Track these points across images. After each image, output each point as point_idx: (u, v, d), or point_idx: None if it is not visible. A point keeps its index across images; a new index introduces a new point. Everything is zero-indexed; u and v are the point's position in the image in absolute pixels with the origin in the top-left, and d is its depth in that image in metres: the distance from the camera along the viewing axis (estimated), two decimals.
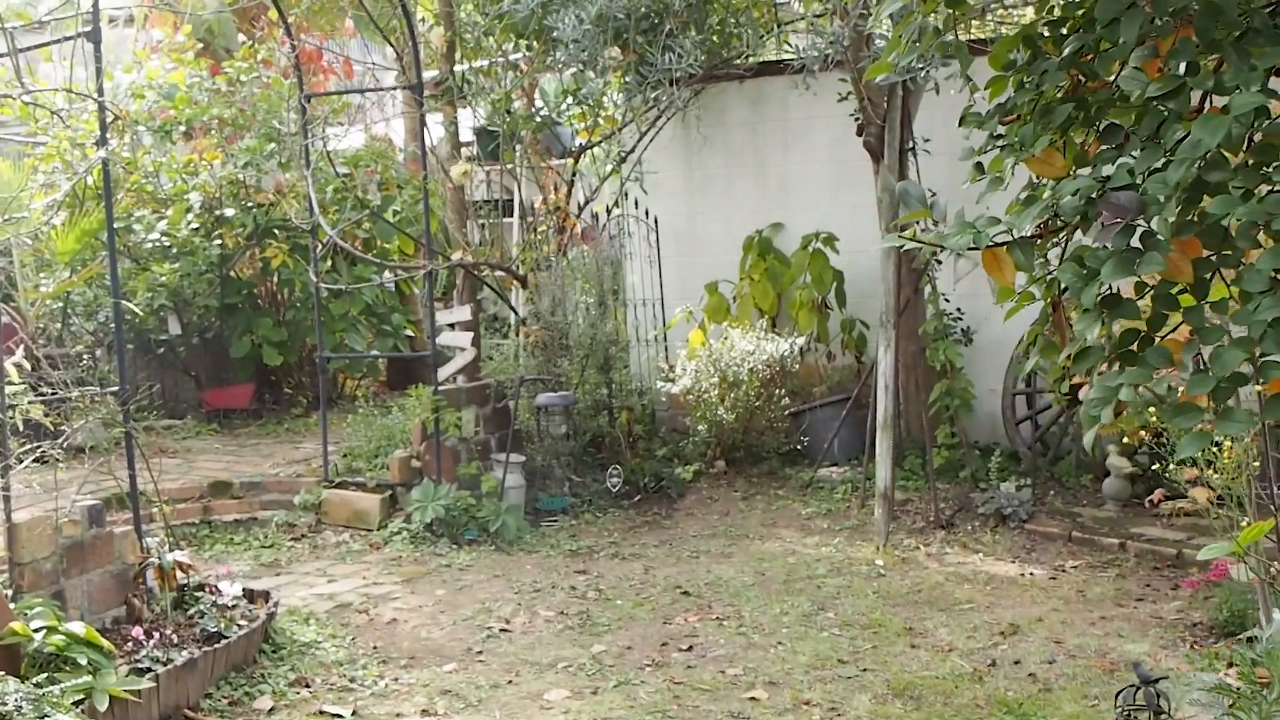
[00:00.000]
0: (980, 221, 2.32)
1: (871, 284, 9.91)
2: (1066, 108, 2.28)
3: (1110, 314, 2.16)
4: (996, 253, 2.32)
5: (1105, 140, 2.28)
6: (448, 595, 6.94)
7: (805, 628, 6.11)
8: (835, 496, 8.68)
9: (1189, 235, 2.05)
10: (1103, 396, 2.20)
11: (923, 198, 2.50)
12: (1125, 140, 2.24)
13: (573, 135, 11.32)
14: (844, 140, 10.09)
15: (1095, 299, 2.14)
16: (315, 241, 8.99)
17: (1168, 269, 2.06)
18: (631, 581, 7.08)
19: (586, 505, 8.82)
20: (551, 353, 9.23)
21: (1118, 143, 2.25)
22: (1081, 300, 2.16)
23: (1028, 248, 2.30)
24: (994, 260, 2.33)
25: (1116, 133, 2.26)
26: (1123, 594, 6.50)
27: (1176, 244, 2.04)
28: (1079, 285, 2.20)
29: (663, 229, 10.63)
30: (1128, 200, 2.06)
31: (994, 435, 9.47)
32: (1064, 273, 2.23)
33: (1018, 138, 2.33)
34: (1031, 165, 2.30)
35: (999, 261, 2.32)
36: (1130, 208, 2.04)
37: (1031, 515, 7.83)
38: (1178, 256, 2.05)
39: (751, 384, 9.24)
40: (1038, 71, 2.31)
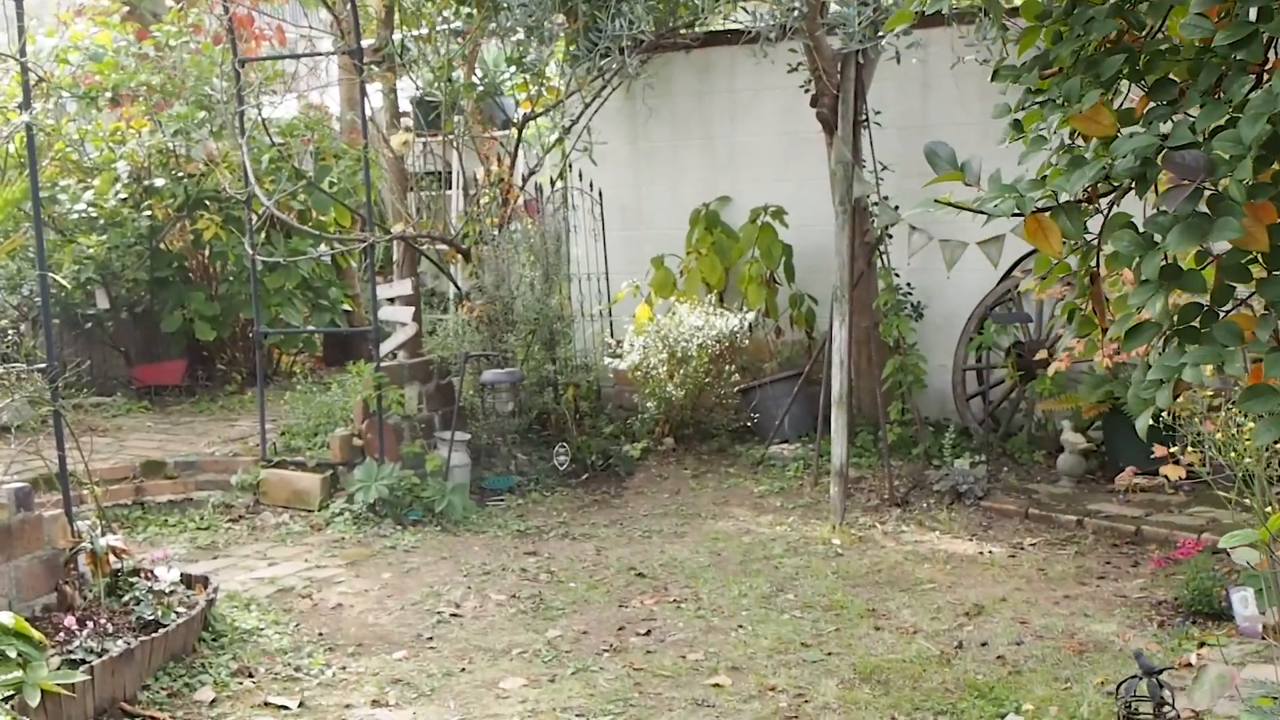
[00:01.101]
0: (1022, 185, 2.14)
1: (820, 258, 9.78)
2: (1118, 59, 2.11)
3: (1170, 286, 1.99)
4: (1040, 219, 2.14)
5: (1156, 95, 2.11)
6: (394, 578, 6.71)
7: (765, 610, 5.96)
8: (787, 474, 8.54)
9: (1263, 199, 1.89)
10: (1163, 377, 2.03)
11: (952, 158, 2.31)
12: (1181, 95, 2.07)
13: (515, 105, 11.06)
14: (793, 112, 9.93)
15: (1156, 270, 1.97)
16: (250, 213, 8.67)
17: (1244, 236, 1.89)
18: (584, 563, 6.89)
19: (533, 484, 8.61)
20: (497, 328, 8.98)
21: (1170, 98, 2.08)
22: (1143, 271, 1.99)
23: (1074, 214, 2.13)
24: (1037, 228, 2.15)
25: (1169, 87, 2.10)
26: (1084, 572, 6.42)
27: (1249, 208, 1.88)
28: (1137, 254, 2.03)
29: (607, 201, 10.41)
30: (1194, 160, 1.89)
31: (944, 411, 9.38)
32: (1119, 240, 2.06)
33: (1061, 92, 2.16)
34: (1076, 123, 2.13)
35: (1043, 229, 2.14)
36: (1198, 168, 1.87)
37: (987, 492, 7.74)
38: (1251, 223, 1.89)
39: (701, 360, 9.07)
40: (1081, 20, 2.13)
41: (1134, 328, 2.10)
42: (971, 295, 9.28)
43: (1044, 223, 2.14)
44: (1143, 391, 2.10)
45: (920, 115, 9.57)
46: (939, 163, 2.29)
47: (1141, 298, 2.01)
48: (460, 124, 9.91)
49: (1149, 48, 2.12)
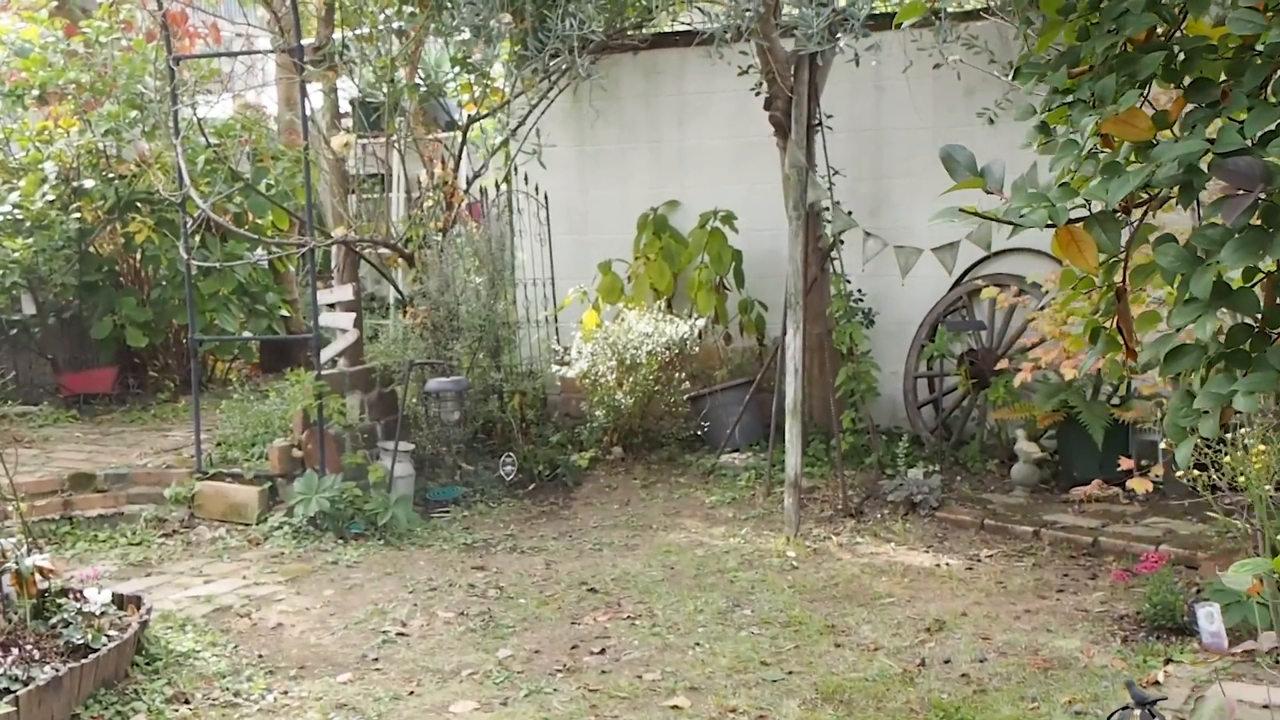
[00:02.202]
0: (1053, 193, 1.98)
1: (770, 264, 9.66)
2: (1156, 57, 1.96)
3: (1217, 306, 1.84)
4: (1074, 231, 1.98)
5: (1194, 97, 1.96)
6: (337, 596, 6.47)
7: (722, 626, 5.79)
8: (739, 484, 8.38)
9: None
10: (1209, 405, 1.87)
11: (971, 163, 2.15)
12: (1223, 97, 1.92)
13: (457, 107, 10.82)
14: (742, 116, 9.80)
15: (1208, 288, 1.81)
16: (185, 216, 8.38)
17: None
18: (533, 578, 6.69)
19: (479, 495, 8.40)
20: (442, 335, 8.75)
21: (1211, 100, 1.93)
22: (1192, 288, 1.84)
23: (1110, 225, 1.97)
24: (1070, 240, 1.99)
25: (1208, 88, 1.95)
26: (1042, 585, 6.31)
27: None
28: (1183, 270, 1.87)
29: (553, 206, 10.21)
30: (1249, 168, 1.74)
31: (895, 419, 9.29)
32: (1163, 255, 1.90)
33: (1095, 92, 2.00)
34: (1111, 126, 1.97)
35: (1077, 242, 1.99)
36: (1255, 176, 1.72)
37: (942, 502, 7.63)
38: None
39: (650, 367, 8.90)
40: (1112, 14, 1.97)
41: (1174, 350, 1.95)
42: (923, 302, 9.20)
43: (1077, 235, 1.98)
44: (1181, 419, 1.95)
45: (872, 119, 9.47)
46: (956, 168, 2.13)
47: (1186, 318, 1.86)
48: (403, 125, 9.67)
49: (1185, 45, 1.97)
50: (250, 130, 10.48)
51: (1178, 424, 1.95)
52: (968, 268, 9.03)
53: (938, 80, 9.08)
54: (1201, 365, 1.89)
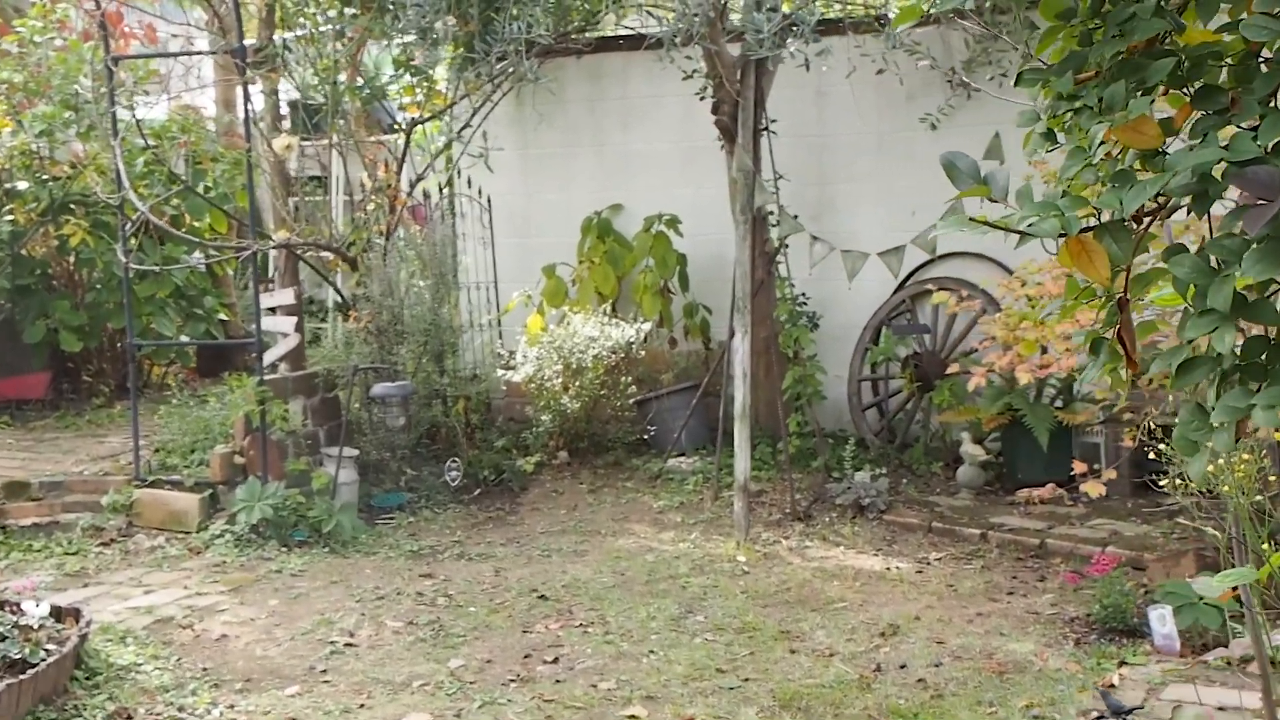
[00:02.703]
0: (1062, 202, 1.95)
1: (715, 267, 9.65)
2: (1166, 63, 1.94)
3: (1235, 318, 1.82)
4: (1084, 241, 1.96)
5: (1202, 104, 1.95)
6: (282, 605, 6.36)
7: (676, 633, 5.76)
8: (687, 488, 8.36)
9: None
10: (1225, 419, 1.86)
11: (974, 170, 2.12)
12: (1233, 104, 1.91)
13: (399, 110, 10.71)
14: (686, 120, 9.79)
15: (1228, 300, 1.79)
16: (124, 218, 8.21)
17: None
18: (483, 585, 6.62)
19: (424, 501, 8.31)
20: (386, 339, 8.65)
21: (1219, 107, 1.91)
22: (1210, 300, 1.82)
23: (1121, 234, 1.95)
24: (1080, 250, 1.97)
25: (1216, 95, 1.93)
26: (993, 587, 6.35)
27: None
28: (1198, 281, 1.86)
29: (497, 209, 10.12)
30: (1270, 177, 1.72)
31: (839, 423, 9.31)
32: (1177, 265, 1.89)
33: (1104, 99, 1.98)
34: (1119, 134, 1.95)
35: (1088, 252, 1.96)
36: (1276, 185, 1.70)
37: (889, 505, 7.65)
38: None
39: (596, 371, 8.85)
40: (1118, 19, 1.95)
41: (1185, 363, 1.93)
42: (866, 306, 9.23)
43: (1088, 245, 1.96)
44: (1192, 433, 1.93)
45: (816, 125, 9.49)
46: (959, 175, 2.09)
47: (1201, 329, 1.84)
48: (344, 128, 9.56)
49: (1192, 52, 1.95)
50: (188, 132, 10.29)
51: (1189, 437, 1.94)
52: (910, 272, 9.08)
53: (880, 86, 9.12)
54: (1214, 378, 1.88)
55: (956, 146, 8.29)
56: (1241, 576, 2.32)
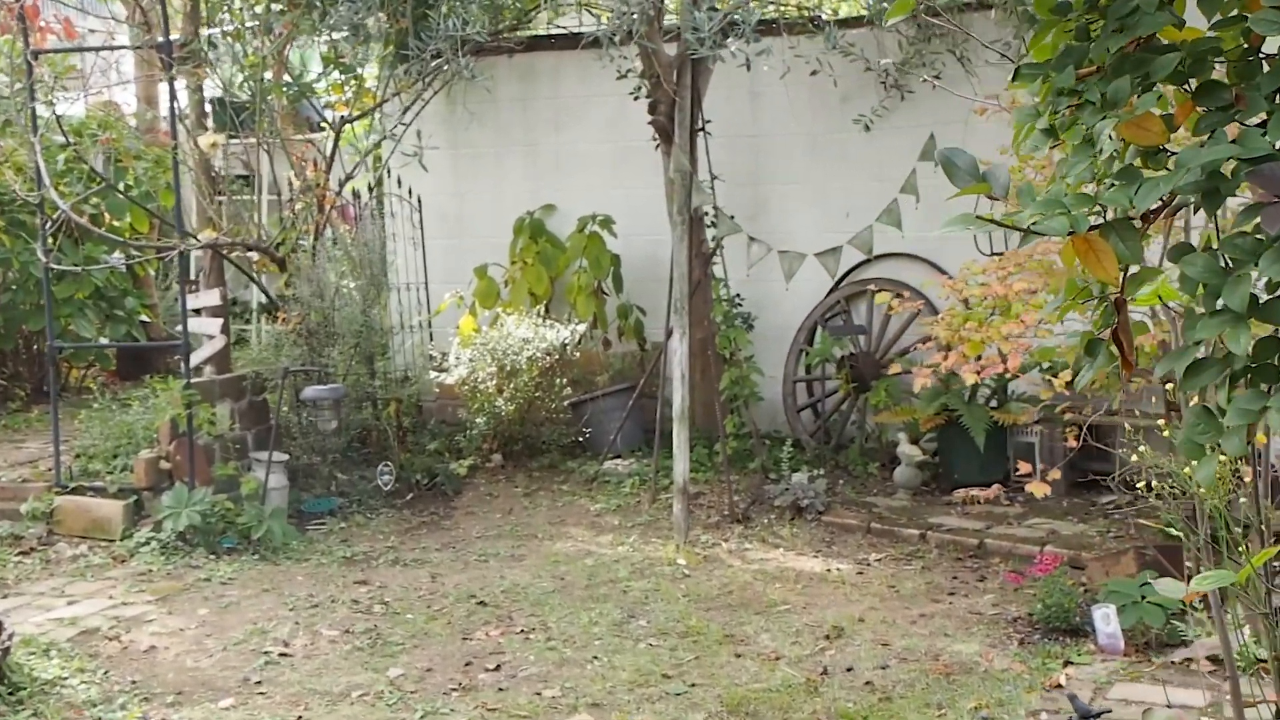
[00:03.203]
0: (1068, 200, 1.90)
1: (648, 269, 9.59)
2: (1172, 58, 1.89)
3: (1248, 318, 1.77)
4: (1091, 240, 1.91)
5: (1203, 101, 1.91)
6: (212, 615, 6.19)
7: (619, 638, 5.68)
8: (624, 491, 8.28)
9: None
10: (1237, 421, 1.82)
11: (973, 167, 2.06)
12: (1236, 101, 1.87)
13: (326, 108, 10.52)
14: (619, 120, 9.72)
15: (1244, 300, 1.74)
16: (44, 217, 7.96)
17: None
18: (419, 592, 6.49)
19: (356, 506, 8.15)
20: (317, 341, 8.47)
21: (1222, 104, 1.87)
22: (1225, 299, 1.78)
23: (1129, 233, 1.90)
24: (1088, 249, 1.91)
25: (1218, 91, 1.89)
26: (934, 588, 6.35)
27: None
28: (1213, 281, 1.81)
29: (427, 209, 9.95)
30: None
31: (775, 424, 9.28)
32: (1189, 265, 1.84)
33: (1105, 94, 1.93)
34: (1124, 130, 1.91)
35: (1095, 251, 1.91)
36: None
37: (828, 506, 7.64)
38: None
39: (530, 373, 8.74)
40: (1119, 13, 1.90)
41: (1193, 365, 1.89)
42: (801, 307, 9.22)
43: (1095, 244, 1.91)
44: (1199, 435, 1.89)
45: (749, 125, 9.46)
46: (957, 173, 2.03)
47: (1213, 330, 1.80)
48: (270, 126, 9.37)
49: (1196, 47, 1.91)
50: (108, 129, 10.02)
51: (1195, 440, 1.90)
52: (844, 273, 9.09)
53: (814, 87, 9.11)
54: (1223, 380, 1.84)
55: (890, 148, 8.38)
56: (1220, 579, 2.30)
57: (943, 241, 8.71)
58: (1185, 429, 1.93)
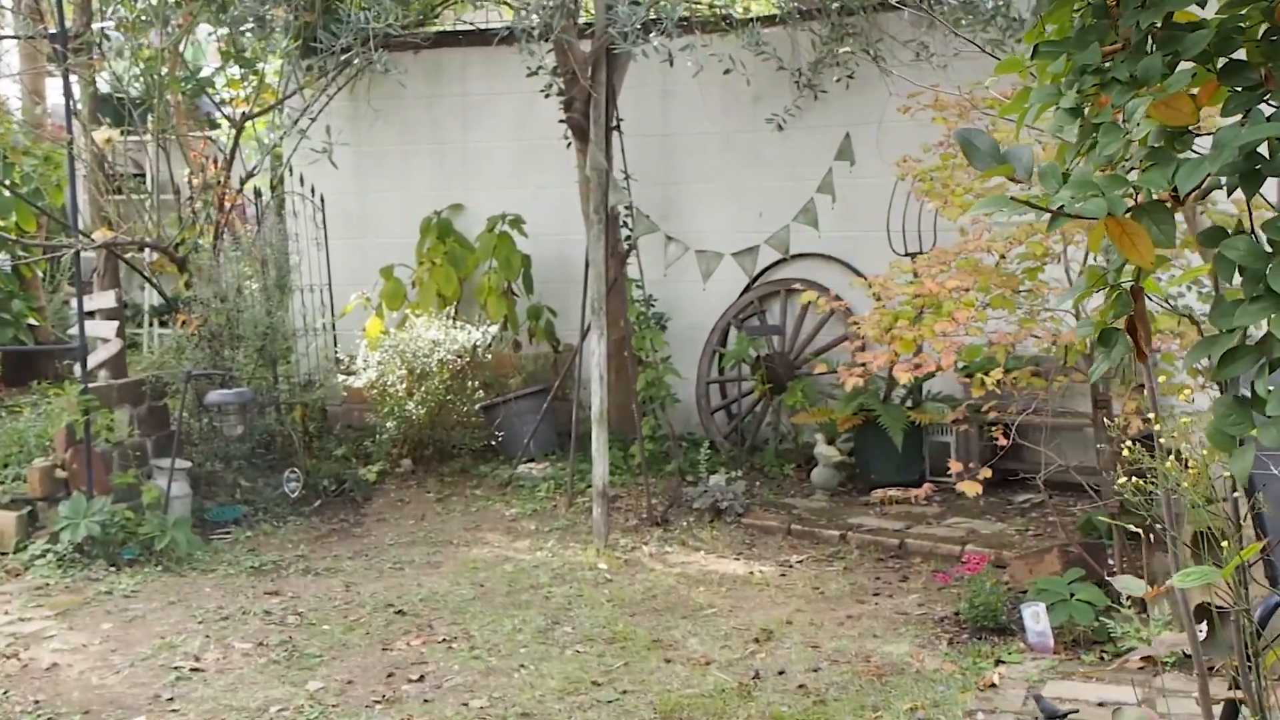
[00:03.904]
0: (1101, 181, 1.82)
1: (558, 269, 9.49)
2: (1204, 34, 1.83)
3: None
4: (1124, 224, 1.83)
5: (1230, 80, 1.85)
6: (117, 630, 5.92)
7: (545, 646, 5.55)
8: (539, 495, 8.14)
9: None
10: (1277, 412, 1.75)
11: (994, 149, 1.97)
12: (1266, 80, 1.82)
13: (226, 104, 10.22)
14: (528, 118, 9.59)
15: None
16: None
17: None
18: (334, 602, 6.29)
19: (262, 514, 7.89)
20: (220, 344, 8.20)
21: (1249, 84, 1.82)
22: (1274, 284, 1.72)
23: (1163, 216, 1.83)
24: (1121, 233, 1.84)
25: (1246, 71, 1.84)
26: (858, 589, 6.32)
27: None
28: (1254, 265, 1.75)
29: (330, 209, 9.69)
30: None
31: (688, 425, 9.21)
32: (1230, 248, 1.78)
33: (1135, 72, 1.86)
34: (1154, 110, 1.84)
35: (1129, 235, 1.84)
36: None
37: (747, 509, 7.58)
38: None
39: (441, 376, 8.56)
40: None
41: (1228, 353, 1.83)
42: (713, 308, 9.17)
43: (1129, 227, 1.84)
44: (1230, 427, 1.83)
45: (660, 124, 9.39)
46: (977, 155, 1.94)
47: (1254, 317, 1.74)
48: (167, 122, 9.06)
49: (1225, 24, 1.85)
50: None
51: (1227, 432, 1.84)
52: (758, 273, 9.06)
53: (727, 86, 9.07)
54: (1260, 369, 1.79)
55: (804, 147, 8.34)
56: (1204, 575, 2.26)
57: (856, 242, 8.72)
58: (1215, 420, 1.88)
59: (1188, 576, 2.26)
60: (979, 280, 4.99)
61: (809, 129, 8.84)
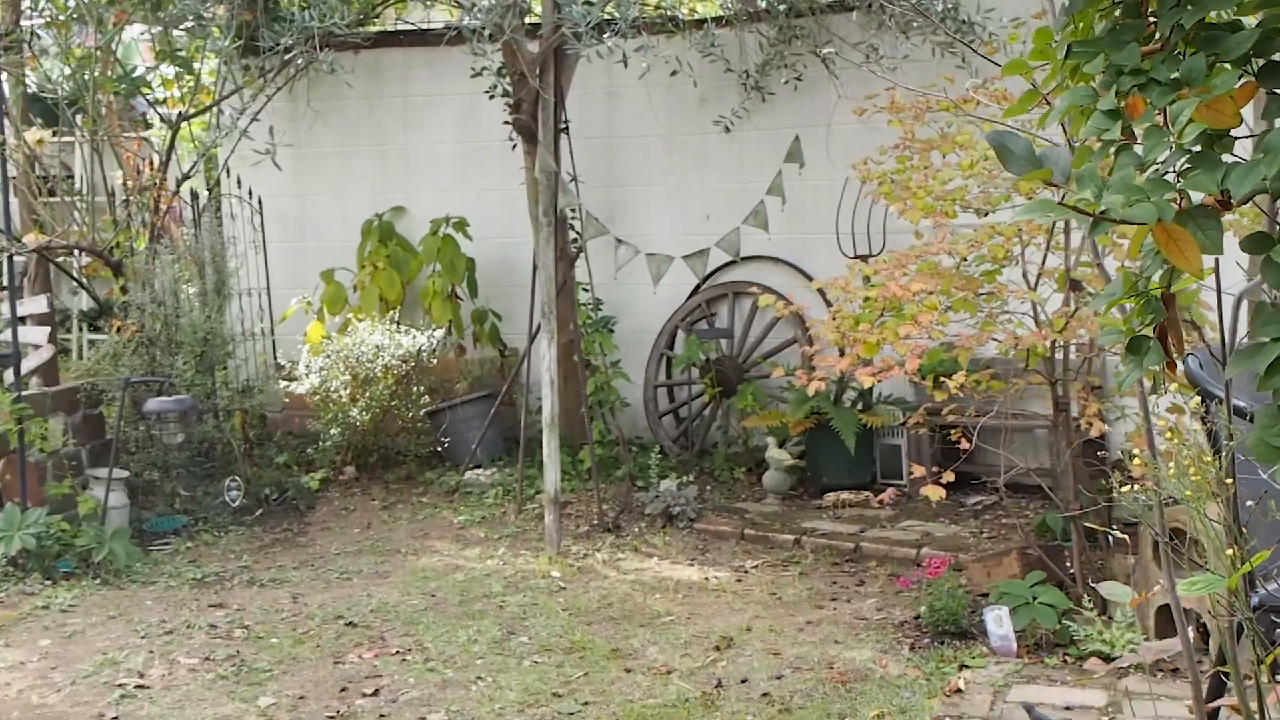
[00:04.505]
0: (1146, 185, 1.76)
1: (502, 272, 9.38)
2: (1249, 34, 1.77)
3: None
4: (1171, 230, 1.77)
5: (1269, 82, 1.79)
6: (56, 646, 5.73)
7: (502, 656, 5.44)
8: (488, 502, 8.02)
9: None
10: None
11: (1030, 153, 1.90)
12: None
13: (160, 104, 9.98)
14: (470, 119, 9.48)
15: None
16: None
17: None
18: (282, 614, 6.13)
19: (203, 524, 7.69)
20: (159, 350, 7.99)
21: None
22: None
23: (1209, 222, 1.77)
24: (1168, 239, 1.77)
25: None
26: (816, 594, 6.27)
27: None
28: None
29: (269, 211, 9.47)
30: None
31: (636, 430, 9.13)
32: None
33: (1178, 74, 1.80)
34: (1197, 114, 1.77)
35: (1176, 241, 1.77)
36: None
37: (699, 514, 7.51)
38: None
39: (386, 381, 8.41)
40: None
41: (1276, 361, 1.77)
42: (660, 311, 9.10)
43: (1176, 233, 1.78)
44: (1274, 438, 1.78)
45: (605, 126, 9.31)
46: (1011, 158, 1.87)
47: None
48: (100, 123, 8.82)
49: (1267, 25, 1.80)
50: None
51: (1271, 443, 1.79)
52: (705, 275, 9.00)
53: (673, 88, 9.01)
54: None
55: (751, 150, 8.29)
56: (1211, 584, 2.21)
57: (805, 245, 8.69)
58: (1258, 430, 1.82)
59: (1193, 585, 2.22)
60: (941, 283, 4.95)
61: (757, 131, 8.80)
